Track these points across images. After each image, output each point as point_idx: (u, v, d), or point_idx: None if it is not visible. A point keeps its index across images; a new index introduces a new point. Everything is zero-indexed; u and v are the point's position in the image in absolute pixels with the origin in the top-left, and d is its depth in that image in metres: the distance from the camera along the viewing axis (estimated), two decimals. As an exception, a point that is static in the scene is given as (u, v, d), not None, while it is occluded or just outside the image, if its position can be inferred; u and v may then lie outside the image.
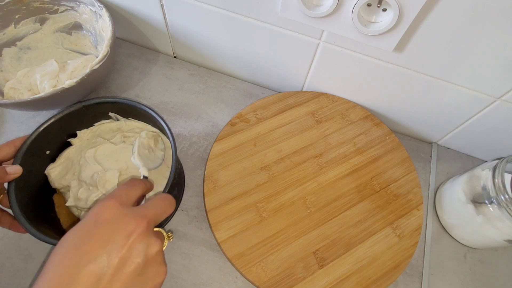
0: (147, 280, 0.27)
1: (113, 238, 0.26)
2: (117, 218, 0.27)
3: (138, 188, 0.31)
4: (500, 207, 0.40)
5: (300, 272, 0.42)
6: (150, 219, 0.28)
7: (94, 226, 0.26)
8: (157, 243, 0.28)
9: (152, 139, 0.44)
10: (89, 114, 0.44)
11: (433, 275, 0.47)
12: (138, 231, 0.27)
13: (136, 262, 0.26)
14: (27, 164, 0.38)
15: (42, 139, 0.40)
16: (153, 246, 0.27)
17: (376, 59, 0.46)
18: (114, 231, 0.26)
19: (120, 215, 0.27)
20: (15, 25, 0.54)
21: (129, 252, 0.26)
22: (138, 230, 0.27)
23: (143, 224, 0.27)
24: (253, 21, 0.48)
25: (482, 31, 0.37)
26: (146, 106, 0.41)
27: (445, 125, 0.52)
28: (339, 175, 0.49)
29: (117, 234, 0.26)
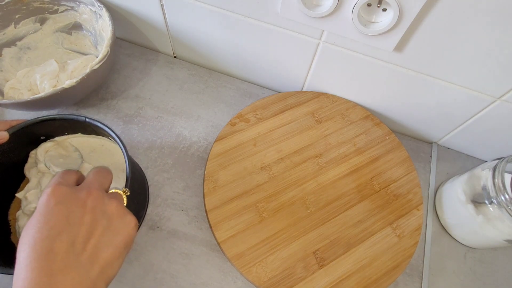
0: (118, 230, 0.30)
1: (71, 210, 0.28)
2: (67, 196, 0.29)
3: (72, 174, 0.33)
4: (500, 207, 0.40)
5: (300, 272, 0.42)
6: (96, 187, 0.31)
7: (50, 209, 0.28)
8: (111, 200, 0.31)
9: (60, 147, 0.44)
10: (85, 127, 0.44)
11: (433, 275, 0.47)
12: (90, 198, 0.30)
13: (100, 221, 0.29)
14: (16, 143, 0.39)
15: (39, 128, 0.41)
16: (109, 204, 0.30)
17: (376, 59, 0.46)
18: (69, 205, 0.29)
19: (68, 192, 0.30)
20: (15, 25, 0.54)
21: (90, 216, 0.29)
22: (90, 196, 0.30)
23: (92, 191, 0.30)
24: (253, 21, 0.48)
25: (482, 31, 0.37)
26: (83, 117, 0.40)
27: (445, 125, 0.52)
28: (339, 175, 0.49)
29: (73, 207, 0.29)
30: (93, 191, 0.30)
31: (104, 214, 0.30)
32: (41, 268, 0.25)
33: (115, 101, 0.56)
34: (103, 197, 0.31)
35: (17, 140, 0.40)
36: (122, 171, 0.46)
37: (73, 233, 0.28)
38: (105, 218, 0.30)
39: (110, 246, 0.29)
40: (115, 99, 0.56)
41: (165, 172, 0.50)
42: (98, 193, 0.31)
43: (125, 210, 0.32)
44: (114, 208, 0.30)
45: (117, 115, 0.55)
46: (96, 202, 0.30)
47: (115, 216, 0.30)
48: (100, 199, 0.30)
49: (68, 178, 0.32)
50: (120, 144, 0.38)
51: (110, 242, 0.29)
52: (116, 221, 0.30)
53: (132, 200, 0.40)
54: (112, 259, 0.29)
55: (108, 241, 0.29)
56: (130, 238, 0.31)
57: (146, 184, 0.49)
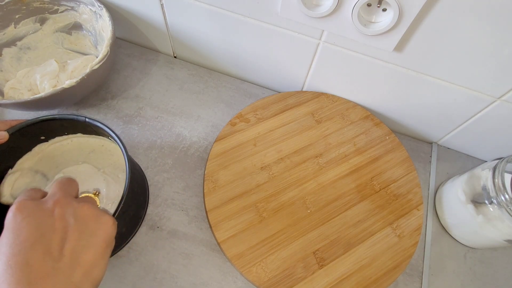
0: (95, 231, 0.29)
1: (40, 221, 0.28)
2: (34, 208, 0.29)
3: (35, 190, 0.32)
4: (500, 207, 0.40)
5: (300, 272, 0.42)
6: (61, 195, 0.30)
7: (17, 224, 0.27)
8: (81, 204, 0.30)
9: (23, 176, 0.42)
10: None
11: (433, 275, 0.47)
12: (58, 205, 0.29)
13: (73, 225, 0.28)
14: (16, 143, 0.39)
15: (39, 128, 0.41)
16: (80, 207, 0.30)
17: (376, 59, 0.46)
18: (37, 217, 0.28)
19: (34, 205, 0.29)
20: (15, 25, 0.54)
21: (60, 222, 0.28)
22: (57, 205, 0.29)
23: (59, 198, 0.30)
24: (253, 21, 0.48)
25: (482, 31, 0.37)
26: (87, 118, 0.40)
27: (445, 125, 0.53)
28: (339, 175, 0.49)
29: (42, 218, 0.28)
30: (59, 199, 0.30)
31: (76, 218, 0.29)
32: (19, 282, 0.25)
33: (115, 101, 0.56)
34: (70, 202, 0.30)
35: (17, 140, 0.40)
36: (122, 171, 0.46)
37: (46, 242, 0.27)
38: (78, 221, 0.29)
39: (90, 248, 0.28)
40: (115, 99, 0.56)
41: (165, 172, 0.50)
42: (64, 200, 0.30)
43: (99, 211, 0.31)
44: (86, 211, 0.30)
45: (117, 115, 0.55)
46: (64, 208, 0.29)
47: (88, 218, 0.30)
48: (68, 205, 0.29)
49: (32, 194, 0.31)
50: (119, 144, 0.38)
51: (89, 244, 0.29)
52: (90, 223, 0.29)
53: (132, 201, 0.40)
54: (94, 260, 0.28)
55: (86, 244, 0.28)
56: (110, 237, 0.30)
57: (146, 184, 0.49)
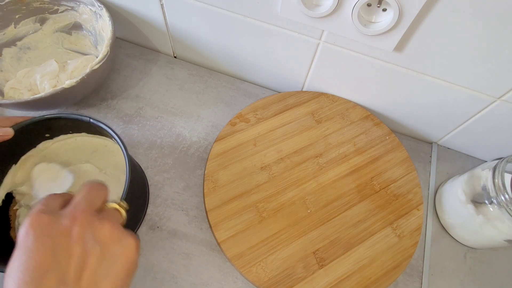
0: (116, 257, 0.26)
1: (55, 243, 0.25)
2: (49, 225, 0.25)
3: (56, 197, 0.29)
4: (500, 207, 0.40)
5: (300, 272, 0.42)
6: (82, 209, 0.27)
7: (30, 244, 0.25)
8: (103, 223, 0.27)
9: (46, 172, 0.43)
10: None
11: (433, 275, 0.47)
12: (76, 224, 0.26)
13: (92, 249, 0.25)
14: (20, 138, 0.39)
15: (44, 125, 0.41)
16: (101, 228, 0.26)
17: (376, 59, 0.46)
18: (53, 237, 0.25)
19: (50, 221, 0.26)
20: (15, 25, 0.54)
21: (78, 246, 0.25)
22: (75, 223, 0.26)
23: (78, 216, 0.26)
24: (253, 21, 0.48)
25: (482, 31, 0.37)
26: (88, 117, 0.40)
27: (445, 125, 0.52)
28: (339, 175, 0.49)
29: (56, 238, 0.25)
30: (78, 215, 0.26)
31: (97, 241, 0.26)
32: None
33: (115, 101, 0.56)
34: (91, 221, 0.26)
35: (22, 136, 0.40)
36: (123, 172, 0.46)
37: (61, 269, 0.24)
38: (97, 245, 0.26)
39: (108, 277, 0.26)
40: (115, 99, 0.56)
41: (165, 172, 0.50)
42: (85, 216, 0.26)
43: (122, 231, 0.27)
44: (107, 232, 0.26)
45: (117, 115, 0.55)
46: (83, 228, 0.26)
47: (109, 241, 0.26)
48: (87, 224, 0.26)
49: (51, 203, 0.28)
50: (121, 146, 0.38)
51: (108, 272, 0.26)
52: (111, 246, 0.26)
53: (132, 203, 0.40)
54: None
55: (105, 272, 0.25)
56: (132, 263, 0.27)
57: (146, 187, 0.49)
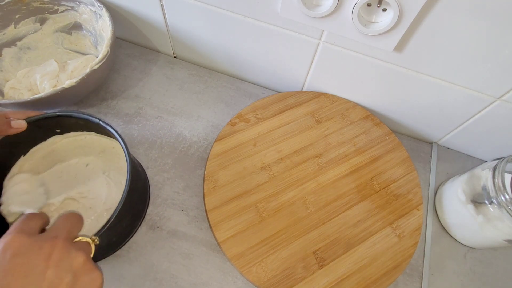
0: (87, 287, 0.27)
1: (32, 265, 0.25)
2: (28, 247, 0.26)
3: (36, 218, 0.29)
4: (500, 207, 0.40)
5: (300, 272, 0.42)
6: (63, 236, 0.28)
7: (6, 261, 0.25)
8: (79, 254, 0.27)
9: (24, 183, 0.43)
10: None
11: (433, 275, 0.47)
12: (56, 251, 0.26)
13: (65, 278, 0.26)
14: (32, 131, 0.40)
15: (55, 122, 0.42)
16: (76, 258, 0.27)
17: (376, 59, 0.46)
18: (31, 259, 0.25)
19: (30, 243, 0.26)
20: (15, 25, 0.54)
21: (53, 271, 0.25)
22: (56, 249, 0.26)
23: (58, 242, 0.27)
24: (253, 21, 0.48)
25: (482, 31, 0.37)
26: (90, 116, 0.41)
27: (445, 125, 0.53)
28: (339, 175, 0.49)
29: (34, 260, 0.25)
30: (59, 241, 0.27)
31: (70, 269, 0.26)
32: None
33: (115, 101, 0.56)
34: (69, 249, 0.27)
35: (33, 130, 0.41)
36: (125, 177, 0.46)
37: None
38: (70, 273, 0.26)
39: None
40: (115, 99, 0.56)
41: (165, 172, 0.50)
42: (64, 244, 0.27)
43: (92, 264, 0.28)
44: (81, 262, 0.27)
45: (117, 115, 0.55)
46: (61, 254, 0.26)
47: (81, 271, 0.27)
48: (66, 252, 0.27)
49: (31, 224, 0.28)
50: (125, 151, 0.39)
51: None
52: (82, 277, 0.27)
53: (128, 211, 0.41)
54: None
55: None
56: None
57: (147, 194, 0.48)
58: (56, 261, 0.26)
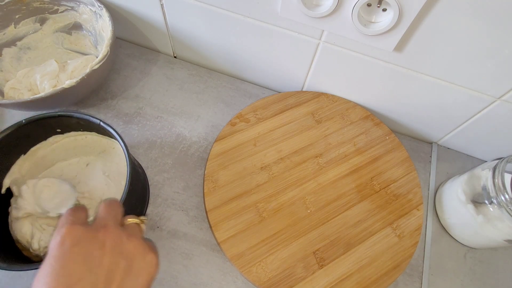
0: (140, 272, 0.28)
1: (89, 253, 0.26)
2: (82, 237, 0.27)
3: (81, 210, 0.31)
4: (500, 207, 0.40)
5: (300, 272, 0.42)
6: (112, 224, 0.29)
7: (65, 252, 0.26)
8: (130, 239, 0.28)
9: (47, 188, 0.43)
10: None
11: (433, 275, 0.47)
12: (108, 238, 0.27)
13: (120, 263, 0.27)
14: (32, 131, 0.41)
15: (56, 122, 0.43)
16: (129, 243, 0.28)
17: (376, 59, 0.46)
18: (87, 247, 0.26)
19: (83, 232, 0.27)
20: (15, 25, 0.54)
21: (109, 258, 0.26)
22: (108, 236, 0.27)
23: (109, 229, 0.28)
24: (253, 21, 0.48)
25: (482, 31, 0.37)
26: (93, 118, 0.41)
27: (445, 125, 0.52)
28: (339, 175, 0.49)
29: (90, 249, 0.26)
30: (110, 228, 0.28)
31: (124, 254, 0.27)
32: None
33: (115, 101, 0.56)
34: (121, 235, 0.28)
35: (34, 129, 0.41)
36: (124, 178, 0.46)
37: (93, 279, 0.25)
38: (125, 259, 0.27)
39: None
40: (115, 99, 0.56)
41: (165, 172, 0.50)
42: (116, 230, 0.28)
43: (146, 247, 0.29)
44: (134, 247, 0.28)
45: (117, 115, 0.55)
46: (115, 241, 0.27)
47: (135, 255, 0.28)
48: (118, 238, 0.28)
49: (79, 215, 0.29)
50: (125, 153, 0.39)
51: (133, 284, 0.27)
52: (136, 261, 0.28)
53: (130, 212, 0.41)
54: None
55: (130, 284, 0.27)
56: (153, 278, 0.29)
57: (147, 194, 0.48)
58: (110, 248, 0.27)
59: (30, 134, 0.42)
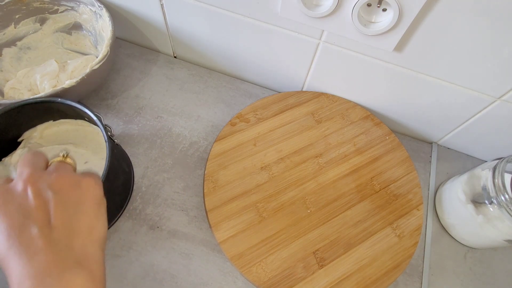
0: (78, 198, 0.28)
1: (17, 206, 0.26)
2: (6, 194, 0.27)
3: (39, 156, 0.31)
4: (500, 207, 0.40)
5: (300, 272, 0.42)
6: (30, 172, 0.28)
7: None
8: (53, 175, 0.28)
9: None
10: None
11: (433, 275, 0.47)
12: (29, 184, 0.27)
13: (52, 199, 0.27)
14: None
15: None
16: (54, 179, 0.28)
17: (376, 59, 0.46)
18: (12, 203, 0.27)
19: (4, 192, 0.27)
20: (15, 25, 0.54)
21: (38, 201, 0.27)
22: (28, 183, 0.27)
23: (27, 177, 0.28)
24: (253, 21, 0.48)
25: (482, 31, 0.37)
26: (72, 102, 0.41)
27: (445, 125, 0.52)
28: (339, 175, 0.49)
29: (16, 203, 0.27)
30: (28, 177, 0.28)
31: (54, 191, 0.27)
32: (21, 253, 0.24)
33: (115, 101, 0.56)
34: (41, 176, 0.28)
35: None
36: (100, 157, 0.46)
37: (32, 222, 0.26)
38: (56, 194, 0.27)
39: (79, 214, 0.27)
40: (115, 99, 0.56)
41: (165, 172, 0.50)
42: (35, 175, 0.28)
43: (75, 176, 0.29)
44: (61, 180, 0.28)
45: (117, 115, 0.55)
46: (37, 185, 0.27)
47: (67, 187, 0.28)
48: (40, 180, 0.28)
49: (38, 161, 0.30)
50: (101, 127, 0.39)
51: (77, 211, 0.27)
52: (71, 191, 0.28)
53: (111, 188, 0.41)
54: (90, 224, 0.27)
55: (74, 211, 0.27)
56: (98, 198, 0.29)
57: (131, 185, 0.48)
58: (35, 192, 0.27)
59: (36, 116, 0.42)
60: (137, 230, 0.46)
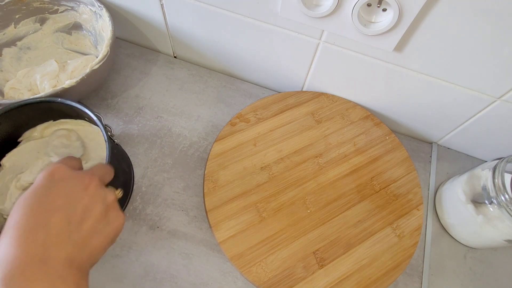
0: (109, 223, 0.30)
1: (73, 190, 0.29)
2: (71, 176, 0.30)
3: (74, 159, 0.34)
4: (500, 207, 0.40)
5: (300, 272, 0.42)
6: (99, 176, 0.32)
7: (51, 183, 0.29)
8: (111, 192, 0.32)
9: (64, 137, 0.45)
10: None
11: (433, 275, 0.47)
12: (93, 184, 0.30)
13: (98, 208, 0.30)
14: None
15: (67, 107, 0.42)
16: (108, 195, 0.31)
17: (376, 59, 0.46)
18: (72, 185, 0.29)
19: (72, 173, 0.30)
20: (15, 25, 0.54)
21: (89, 199, 0.29)
22: (93, 183, 0.30)
23: (95, 178, 0.31)
24: (253, 21, 0.48)
25: (482, 31, 0.37)
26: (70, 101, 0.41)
27: (445, 125, 0.52)
28: (339, 175, 0.49)
29: (75, 187, 0.29)
30: (96, 178, 0.31)
31: (103, 201, 0.30)
32: (35, 239, 0.25)
33: (115, 101, 0.56)
34: (103, 187, 0.31)
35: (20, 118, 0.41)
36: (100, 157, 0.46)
37: (70, 211, 0.28)
38: (103, 204, 0.30)
39: (101, 235, 0.29)
40: (115, 99, 0.56)
41: (165, 172, 0.50)
42: (100, 182, 0.31)
43: (119, 205, 0.32)
44: (111, 200, 0.31)
45: (117, 115, 0.55)
46: (97, 189, 0.30)
47: (111, 207, 0.31)
48: (100, 188, 0.31)
49: (73, 163, 0.33)
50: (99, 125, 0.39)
51: (102, 230, 0.29)
52: (111, 212, 0.31)
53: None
54: (100, 248, 0.29)
55: (100, 229, 0.29)
56: (118, 233, 0.31)
57: (131, 184, 0.48)
58: (92, 191, 0.30)
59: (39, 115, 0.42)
60: (137, 230, 0.46)
